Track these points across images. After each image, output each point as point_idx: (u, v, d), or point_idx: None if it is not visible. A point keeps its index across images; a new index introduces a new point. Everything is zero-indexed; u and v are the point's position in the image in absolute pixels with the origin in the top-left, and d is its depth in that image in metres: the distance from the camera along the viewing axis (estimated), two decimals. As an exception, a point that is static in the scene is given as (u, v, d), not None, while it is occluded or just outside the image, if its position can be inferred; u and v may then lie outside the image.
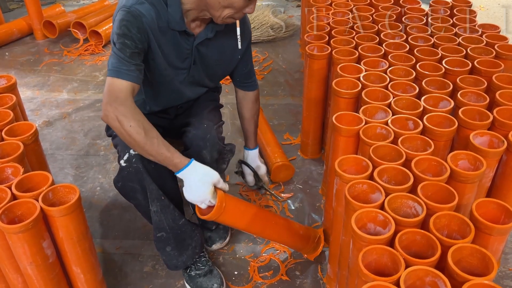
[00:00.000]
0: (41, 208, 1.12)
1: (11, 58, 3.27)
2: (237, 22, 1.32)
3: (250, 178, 1.75)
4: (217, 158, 1.43)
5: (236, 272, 1.64)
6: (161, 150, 1.16)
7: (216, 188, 1.24)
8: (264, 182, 1.77)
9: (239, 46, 1.41)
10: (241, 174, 1.80)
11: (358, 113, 1.39)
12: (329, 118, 1.75)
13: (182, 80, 1.41)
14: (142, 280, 1.62)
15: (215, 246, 1.72)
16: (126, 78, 1.14)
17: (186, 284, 1.57)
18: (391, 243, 1.01)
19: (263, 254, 1.71)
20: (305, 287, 1.59)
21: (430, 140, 1.27)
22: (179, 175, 1.21)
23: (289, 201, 1.95)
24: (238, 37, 1.38)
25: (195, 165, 1.21)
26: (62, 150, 2.31)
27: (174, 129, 1.56)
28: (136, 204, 1.41)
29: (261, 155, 2.03)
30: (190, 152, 1.41)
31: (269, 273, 1.63)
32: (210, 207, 1.24)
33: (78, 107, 2.68)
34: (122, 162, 1.31)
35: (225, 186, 1.26)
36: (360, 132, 1.31)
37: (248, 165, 1.71)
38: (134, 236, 1.81)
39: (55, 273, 1.24)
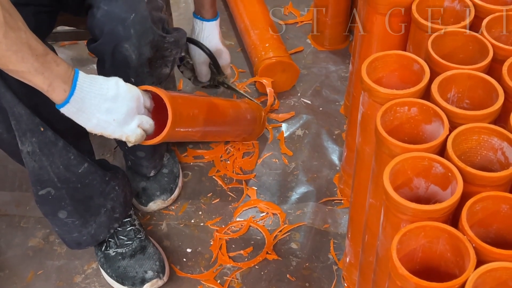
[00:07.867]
0: None
1: None
2: None
3: (203, 68, 1.78)
4: (151, 58, 1.42)
5: (189, 250, 1.67)
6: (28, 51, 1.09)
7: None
8: (226, 75, 1.84)
9: None
10: (185, 63, 1.82)
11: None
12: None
13: None
14: (26, 261, 1.65)
15: (153, 206, 1.76)
16: None
17: (102, 270, 1.60)
18: (454, 218, 1.00)
19: (237, 219, 1.75)
20: (307, 276, 1.61)
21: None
22: (67, 107, 1.17)
23: (284, 125, 1.98)
24: None
25: (87, 76, 1.20)
26: None
27: (74, 2, 1.52)
28: None
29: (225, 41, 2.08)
30: (100, 45, 1.40)
31: (245, 251, 1.66)
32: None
33: None
34: None
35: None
36: (413, 6, 1.32)
37: (201, 46, 1.73)
38: (13, 185, 1.82)
39: None
